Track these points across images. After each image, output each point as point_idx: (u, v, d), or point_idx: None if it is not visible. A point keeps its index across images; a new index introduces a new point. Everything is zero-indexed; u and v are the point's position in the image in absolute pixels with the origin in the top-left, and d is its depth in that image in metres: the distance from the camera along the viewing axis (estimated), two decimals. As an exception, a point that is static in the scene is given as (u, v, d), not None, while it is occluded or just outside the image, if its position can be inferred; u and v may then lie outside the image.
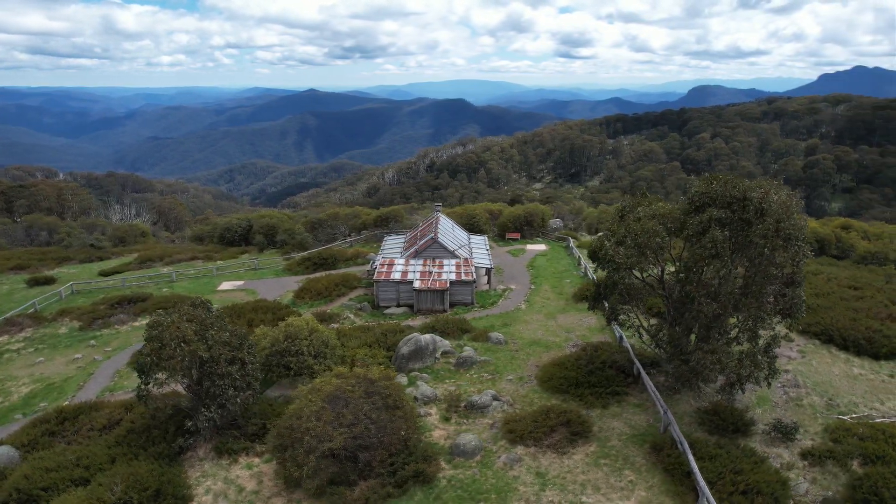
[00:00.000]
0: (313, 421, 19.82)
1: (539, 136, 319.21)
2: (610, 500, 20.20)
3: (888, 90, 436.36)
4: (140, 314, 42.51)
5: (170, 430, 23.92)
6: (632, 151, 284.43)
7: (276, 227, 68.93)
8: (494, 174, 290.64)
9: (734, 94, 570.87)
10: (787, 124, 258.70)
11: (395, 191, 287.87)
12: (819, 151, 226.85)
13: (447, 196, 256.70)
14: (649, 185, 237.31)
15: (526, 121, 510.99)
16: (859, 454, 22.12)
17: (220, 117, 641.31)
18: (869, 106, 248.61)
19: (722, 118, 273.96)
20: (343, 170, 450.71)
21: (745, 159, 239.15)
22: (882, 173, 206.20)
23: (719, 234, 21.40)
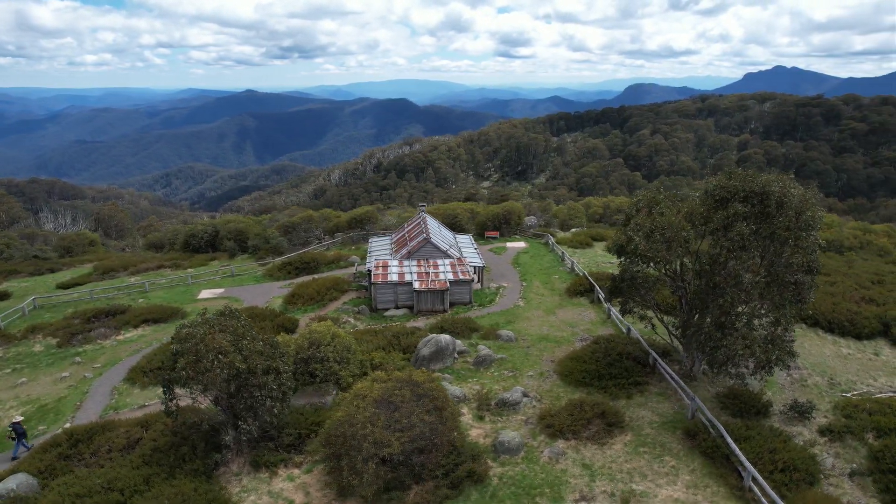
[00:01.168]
0: (369, 427, 19.56)
1: (485, 135, 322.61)
2: (658, 485, 20.92)
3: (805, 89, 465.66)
4: (122, 327, 40.47)
5: (199, 445, 23.05)
6: (576, 149, 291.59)
7: (245, 232, 67.02)
8: (442, 173, 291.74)
9: (668, 92, 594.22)
10: (720, 121, 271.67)
11: (343, 192, 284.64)
12: (750, 146, 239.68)
13: (396, 196, 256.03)
14: (595, 181, 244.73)
15: (469, 120, 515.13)
16: (872, 428, 23.76)
17: (153, 119, 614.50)
18: (792, 104, 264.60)
19: (660, 115, 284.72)
20: (285, 172, 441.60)
21: (685, 154, 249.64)
22: (807, 166, 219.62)
23: (745, 228, 22.49)
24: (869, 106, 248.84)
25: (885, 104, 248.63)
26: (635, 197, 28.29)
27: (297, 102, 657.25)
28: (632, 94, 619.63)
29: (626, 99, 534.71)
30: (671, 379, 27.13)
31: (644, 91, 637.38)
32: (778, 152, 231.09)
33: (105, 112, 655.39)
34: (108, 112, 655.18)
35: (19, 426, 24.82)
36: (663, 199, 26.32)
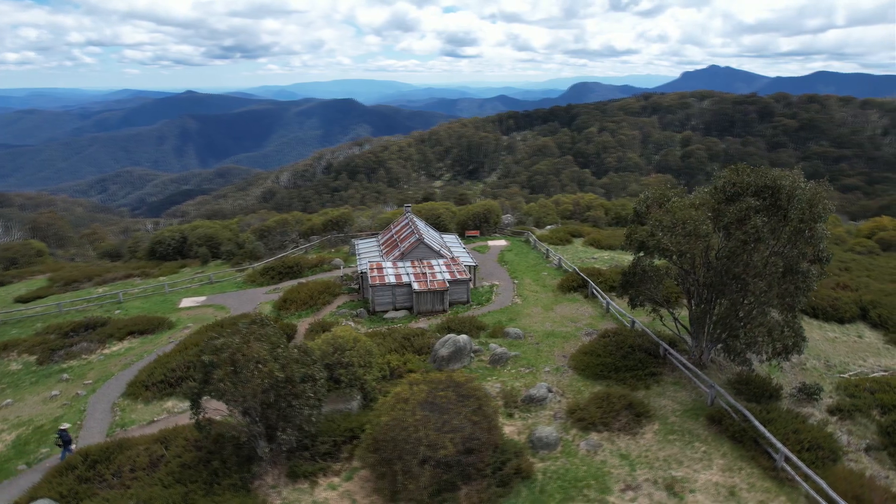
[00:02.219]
0: (422, 430, 19.47)
1: (436, 135, 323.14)
2: (695, 471, 21.72)
3: (738, 87, 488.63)
4: (105, 340, 38.56)
5: (229, 459, 22.34)
6: (526, 147, 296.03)
7: (216, 238, 64.98)
8: (394, 173, 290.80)
9: (611, 91, 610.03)
10: (663, 118, 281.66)
11: (293, 194, 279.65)
12: (692, 143, 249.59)
13: (348, 198, 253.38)
14: (546, 178, 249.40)
15: (417, 119, 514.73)
16: (876, 405, 25.41)
17: (85, 122, 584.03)
18: (729, 101, 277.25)
19: (607, 113, 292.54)
20: (230, 175, 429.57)
21: (631, 151, 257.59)
22: (745, 161, 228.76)
23: (760, 221, 23.60)
24: (798, 104, 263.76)
25: (811, 102, 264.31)
26: (643, 194, 29.16)
27: (241, 103, 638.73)
28: (576, 92, 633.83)
29: (571, 97, 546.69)
30: (684, 368, 28.15)
31: (588, 89, 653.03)
32: (718, 148, 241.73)
33: (31, 114, 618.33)
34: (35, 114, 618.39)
35: (66, 433, 24.60)
36: (674, 196, 27.27)
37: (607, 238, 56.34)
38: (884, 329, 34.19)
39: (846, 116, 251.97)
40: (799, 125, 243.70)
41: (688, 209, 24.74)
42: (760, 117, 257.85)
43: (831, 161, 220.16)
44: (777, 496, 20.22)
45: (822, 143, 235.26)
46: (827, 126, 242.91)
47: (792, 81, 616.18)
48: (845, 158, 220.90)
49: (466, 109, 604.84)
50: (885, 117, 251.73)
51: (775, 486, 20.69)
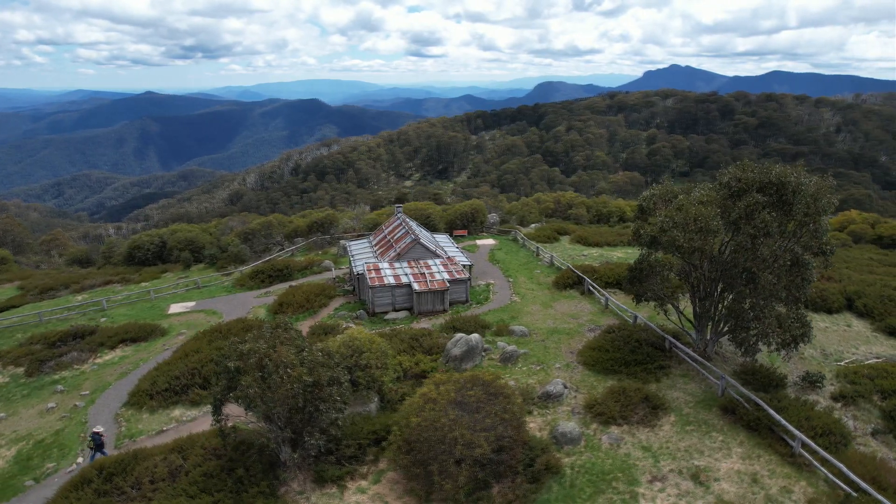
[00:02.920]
0: (458, 429, 19.52)
1: (405, 135, 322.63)
2: (716, 459, 22.32)
3: (699, 86, 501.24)
4: (96, 349, 37.37)
5: (253, 467, 21.96)
6: (495, 146, 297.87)
7: (197, 242, 63.58)
8: (364, 174, 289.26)
9: (575, 90, 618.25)
10: (629, 116, 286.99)
11: (261, 196, 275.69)
12: (658, 140, 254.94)
13: (317, 199, 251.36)
14: (515, 177, 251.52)
15: (383, 119, 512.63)
16: (877, 391, 26.53)
17: (38, 124, 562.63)
18: (692, 100, 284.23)
19: (574, 112, 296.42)
20: (194, 177, 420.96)
21: (599, 149, 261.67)
22: (709, 158, 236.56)
23: (768, 216, 24.38)
24: (756, 102, 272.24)
25: (769, 101, 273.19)
26: (649, 191, 29.77)
27: (203, 104, 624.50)
28: (542, 91, 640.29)
29: (537, 96, 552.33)
30: (692, 361, 28.88)
31: (553, 89, 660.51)
32: (683, 145, 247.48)
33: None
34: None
35: (99, 437, 24.50)
36: (681, 193, 27.92)
37: (594, 235, 57.21)
38: (870, 318, 35.65)
39: (802, 114, 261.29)
40: (758, 123, 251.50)
41: (698, 206, 25.35)
42: (722, 115, 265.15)
43: (790, 158, 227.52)
44: (797, 481, 20.94)
45: (780, 140, 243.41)
46: (784, 124, 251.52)
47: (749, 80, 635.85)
48: (802, 155, 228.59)
49: (433, 109, 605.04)
50: (837, 115, 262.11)
51: (794, 471, 21.42)
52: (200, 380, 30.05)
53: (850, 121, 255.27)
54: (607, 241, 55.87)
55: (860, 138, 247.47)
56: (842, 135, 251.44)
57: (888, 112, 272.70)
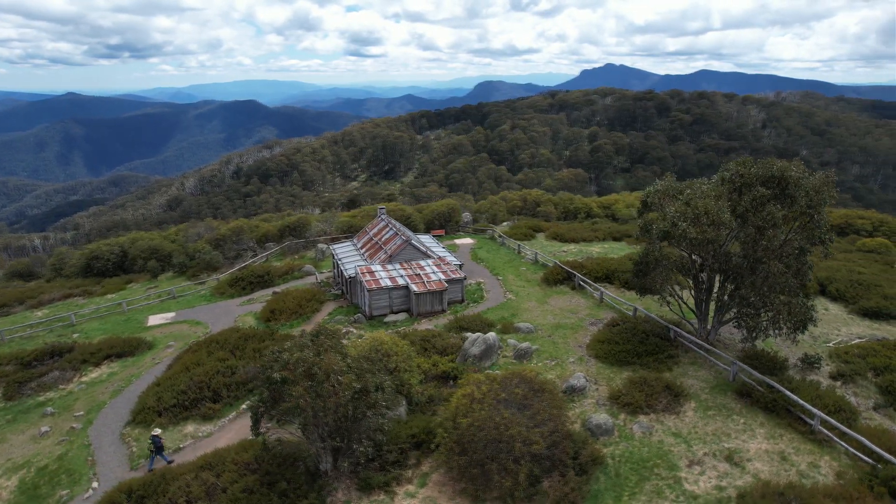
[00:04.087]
0: (514, 427, 19.70)
1: (349, 135, 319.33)
2: (743, 441, 23.46)
3: (633, 84, 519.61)
4: (79, 367, 35.23)
5: (295, 479, 21.42)
6: (441, 146, 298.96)
7: (162, 250, 60.89)
8: (309, 176, 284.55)
9: (515, 89, 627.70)
10: (570, 115, 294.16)
11: (202, 201, 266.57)
12: (599, 138, 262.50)
13: (261, 203, 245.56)
14: (463, 176, 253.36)
15: (324, 120, 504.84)
16: (870, 368, 28.50)
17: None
18: (630, 98, 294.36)
19: (517, 111, 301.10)
20: (125, 183, 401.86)
21: (543, 147, 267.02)
22: (649, 154, 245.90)
23: (775, 209, 25.80)
24: (689, 100, 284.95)
25: (701, 98, 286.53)
26: (651, 187, 30.82)
27: (133, 106, 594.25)
28: (482, 91, 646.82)
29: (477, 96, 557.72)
30: (699, 349, 30.17)
31: (493, 88, 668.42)
32: (624, 142, 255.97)
33: None
34: None
35: (158, 439, 24.27)
36: (686, 188, 29.10)
37: (569, 232, 58.55)
38: (843, 301, 38.19)
39: (731, 111, 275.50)
40: (693, 120, 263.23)
41: (707, 200, 26.49)
42: (658, 112, 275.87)
43: (723, 152, 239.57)
44: (821, 457, 22.31)
45: (713, 135, 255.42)
46: (716, 120, 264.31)
47: (679, 79, 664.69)
48: (734, 150, 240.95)
49: (374, 109, 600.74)
50: (762, 112, 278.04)
51: (817, 447, 22.81)
52: (210, 393, 28.93)
53: (774, 117, 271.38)
54: (583, 237, 57.29)
55: (783, 134, 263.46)
56: (767, 130, 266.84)
57: (806, 109, 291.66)
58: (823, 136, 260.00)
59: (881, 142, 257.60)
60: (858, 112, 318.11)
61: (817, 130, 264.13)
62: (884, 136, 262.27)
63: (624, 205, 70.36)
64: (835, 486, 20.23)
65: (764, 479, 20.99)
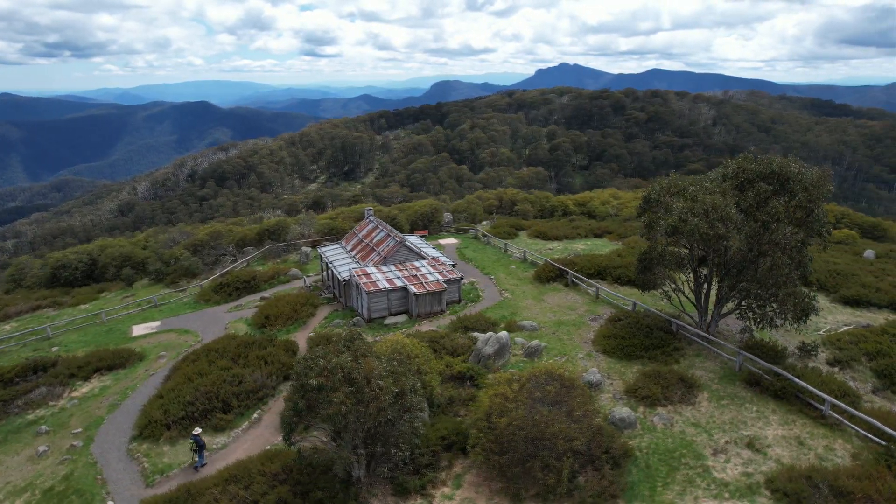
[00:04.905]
0: (556, 424, 19.87)
1: (307, 136, 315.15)
2: (760, 428, 24.31)
3: (588, 83, 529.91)
4: (67, 382, 33.61)
5: (329, 487, 21.06)
6: (401, 146, 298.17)
7: (133, 257, 58.71)
8: (267, 178, 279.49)
9: (471, 89, 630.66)
10: (528, 114, 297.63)
11: (156, 206, 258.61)
12: (558, 136, 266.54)
13: (218, 206, 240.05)
14: (424, 176, 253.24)
15: (280, 121, 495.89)
16: (863, 354, 29.95)
17: None
18: (586, 97, 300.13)
19: (476, 110, 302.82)
20: (70, 188, 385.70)
21: (503, 146, 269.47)
22: (606, 151, 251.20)
23: (778, 204, 26.82)
24: (643, 98, 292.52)
25: (654, 97, 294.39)
26: (656, 184, 31.54)
27: (75, 108, 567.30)
28: (439, 90, 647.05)
29: (434, 95, 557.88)
30: (703, 342, 31.09)
31: (450, 88, 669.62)
32: (581, 140, 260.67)
33: None
34: None
35: (199, 438, 24.56)
36: (690, 185, 29.93)
37: (552, 229, 59.30)
38: (825, 291, 39.98)
39: (683, 109, 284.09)
40: (647, 118, 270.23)
41: (714, 196, 27.30)
42: (614, 111, 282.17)
43: (677, 149, 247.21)
44: (835, 440, 23.36)
45: (667, 133, 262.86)
46: (670, 118, 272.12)
47: (632, 77, 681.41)
48: (688, 146, 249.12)
49: (330, 110, 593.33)
50: (712, 109, 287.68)
51: (829, 431, 23.85)
52: (219, 403, 28.07)
53: (723, 115, 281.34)
54: (565, 235, 58.13)
55: (732, 130, 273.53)
56: (717, 127, 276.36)
57: (752, 107, 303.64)
58: (769, 133, 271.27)
59: (821, 138, 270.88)
60: (799, 110, 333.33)
61: (763, 127, 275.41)
62: (823, 133, 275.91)
63: (599, 202, 71.75)
64: (854, 467, 21.20)
65: (787, 464, 21.83)
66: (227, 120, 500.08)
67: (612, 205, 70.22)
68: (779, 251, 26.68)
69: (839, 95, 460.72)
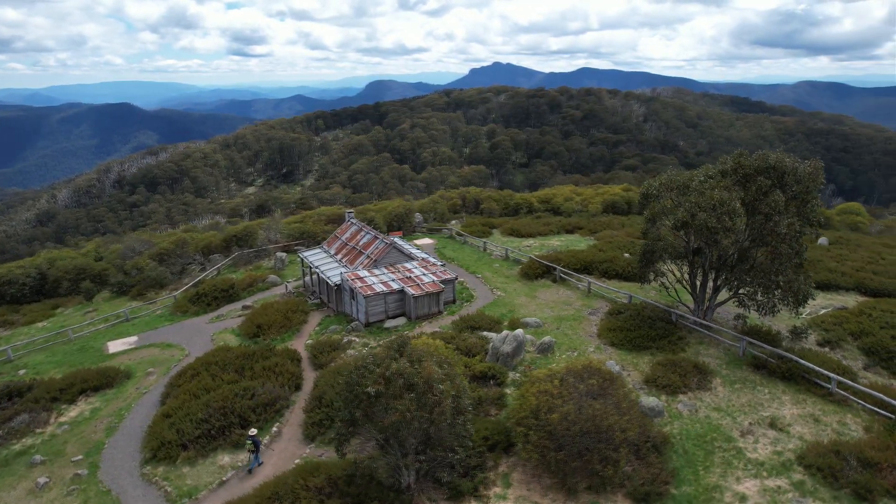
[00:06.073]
0: (612, 417, 20.27)
1: (242, 138, 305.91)
2: (776, 408, 25.72)
3: (521, 81, 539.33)
4: (51, 407, 31.24)
5: (380, 496, 20.64)
6: (341, 146, 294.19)
7: (88, 269, 55.18)
8: (201, 182, 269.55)
9: (406, 88, 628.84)
10: (467, 112, 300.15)
11: (79, 214, 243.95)
12: (497, 135, 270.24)
13: (151, 213, 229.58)
14: (366, 177, 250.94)
15: (210, 123, 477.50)
16: (848, 334, 32.16)
17: None
18: (523, 95, 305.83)
19: (415, 110, 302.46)
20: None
21: (444, 145, 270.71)
22: (545, 149, 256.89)
23: (779, 197, 28.41)
24: (578, 96, 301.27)
25: (588, 95, 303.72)
26: (656, 180, 32.68)
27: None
28: (374, 90, 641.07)
29: (369, 95, 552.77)
30: (702, 329, 32.50)
31: (385, 87, 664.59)
32: (520, 138, 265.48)
33: None
34: None
35: (257, 438, 24.72)
36: (688, 180, 31.20)
37: (525, 227, 60.19)
38: (795, 276, 42.53)
39: (616, 106, 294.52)
40: (583, 115, 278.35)
41: (720, 191, 28.60)
42: (550, 109, 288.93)
43: (612, 145, 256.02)
44: (845, 415, 25.03)
45: (602, 130, 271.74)
46: (604, 115, 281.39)
47: (563, 76, 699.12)
48: (622, 142, 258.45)
49: (262, 111, 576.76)
50: (643, 107, 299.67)
51: (838, 407, 25.54)
52: (236, 418, 26.87)
53: (653, 112, 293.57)
54: (538, 232, 59.17)
55: (662, 127, 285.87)
56: (648, 123, 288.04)
57: (679, 104, 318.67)
58: (696, 129, 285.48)
59: (742, 133, 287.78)
60: (721, 106, 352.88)
61: (690, 123, 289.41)
62: (744, 129, 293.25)
63: (563, 198, 73.43)
64: (871, 440, 22.80)
65: (811, 441, 23.20)
66: (152, 122, 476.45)
67: (575, 201, 72.02)
68: (781, 241, 28.26)
69: (754, 93, 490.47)
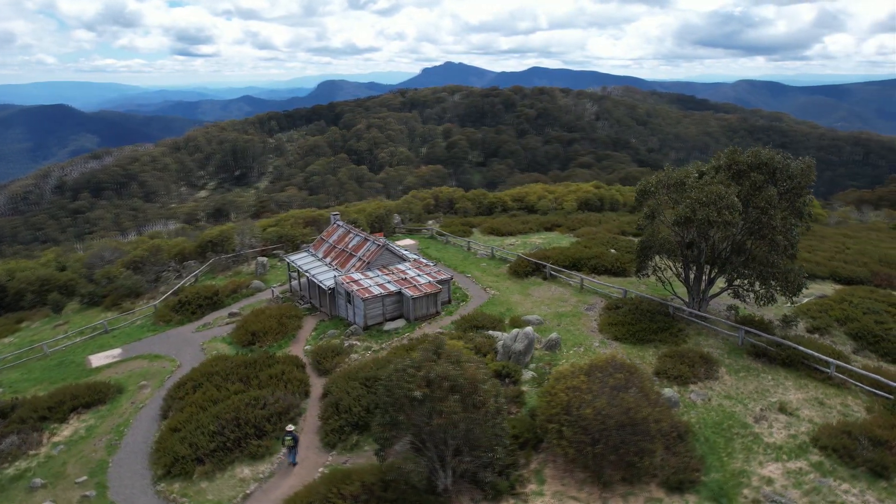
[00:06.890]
0: (645, 409, 20.72)
1: (193, 141, 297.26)
2: (783, 394, 26.86)
3: (473, 80, 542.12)
4: (40, 428, 29.61)
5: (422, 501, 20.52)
6: (296, 148, 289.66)
7: (53, 280, 52.52)
8: (150, 187, 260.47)
9: (358, 88, 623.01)
10: (423, 112, 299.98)
11: (17, 222, 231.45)
12: (453, 134, 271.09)
13: (96, 220, 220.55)
14: (323, 178, 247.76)
15: (155, 125, 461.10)
16: (835, 321, 33.83)
17: None
18: (477, 95, 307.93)
19: (370, 109, 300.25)
20: None
21: (401, 145, 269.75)
22: (501, 148, 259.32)
23: (773, 191, 29.65)
24: (531, 95, 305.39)
25: (542, 94, 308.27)
26: (654, 177, 33.54)
27: None
28: (325, 90, 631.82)
29: (320, 96, 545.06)
30: (698, 321, 33.59)
31: (336, 87, 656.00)
32: (476, 137, 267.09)
33: None
34: None
35: (296, 434, 25.05)
36: (684, 177, 32.19)
37: (505, 226, 60.71)
38: (772, 266, 44.45)
39: (569, 105, 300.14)
40: (537, 114, 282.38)
41: (718, 187, 29.60)
42: (505, 108, 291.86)
43: (566, 143, 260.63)
44: (846, 397, 26.37)
45: (556, 128, 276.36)
46: (557, 114, 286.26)
47: (514, 76, 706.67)
48: (576, 140, 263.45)
49: (209, 112, 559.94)
50: (594, 105, 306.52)
51: (839, 390, 26.88)
52: (251, 429, 26.12)
53: (605, 110, 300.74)
54: (518, 230, 59.82)
55: (615, 124, 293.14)
56: (601, 122, 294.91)
57: (629, 102, 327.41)
58: (646, 126, 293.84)
59: (689, 130, 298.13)
60: (668, 104, 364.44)
61: (641, 121, 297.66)
62: (691, 126, 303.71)
63: (536, 197, 74.41)
64: (875, 419, 24.11)
65: (820, 423, 24.33)
66: (92, 124, 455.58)
67: (549, 199, 73.10)
68: (776, 233, 29.50)
69: (697, 91, 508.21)
